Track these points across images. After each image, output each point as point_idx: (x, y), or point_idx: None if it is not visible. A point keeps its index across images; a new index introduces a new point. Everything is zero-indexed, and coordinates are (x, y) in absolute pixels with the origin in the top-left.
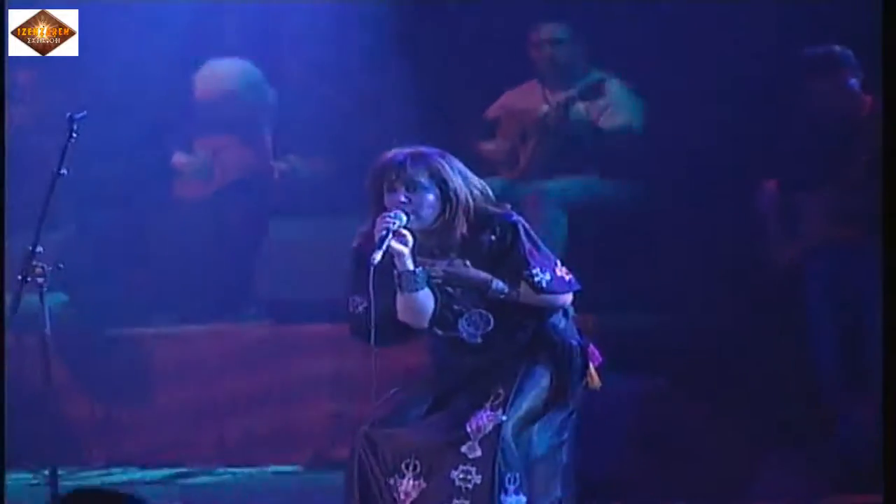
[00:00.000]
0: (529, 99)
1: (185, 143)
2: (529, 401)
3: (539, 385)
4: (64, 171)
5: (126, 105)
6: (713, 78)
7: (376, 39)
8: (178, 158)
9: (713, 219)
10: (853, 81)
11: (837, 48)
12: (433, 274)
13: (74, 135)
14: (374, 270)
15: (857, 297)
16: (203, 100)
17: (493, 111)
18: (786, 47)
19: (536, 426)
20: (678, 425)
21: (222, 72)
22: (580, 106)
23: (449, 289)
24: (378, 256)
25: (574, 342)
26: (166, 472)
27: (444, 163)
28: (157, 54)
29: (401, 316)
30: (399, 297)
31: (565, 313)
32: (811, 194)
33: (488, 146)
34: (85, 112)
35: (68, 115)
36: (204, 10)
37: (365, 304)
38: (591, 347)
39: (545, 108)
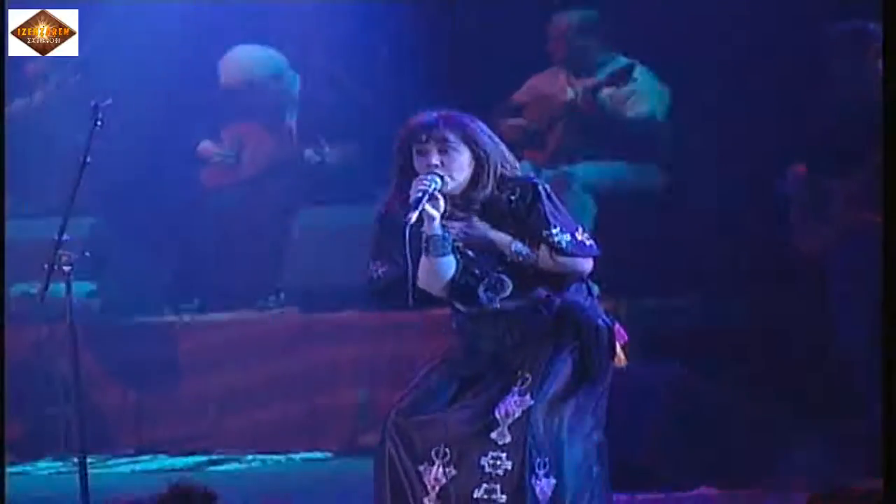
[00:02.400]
0: (554, 84)
1: (212, 130)
2: (557, 383)
3: (566, 367)
4: (89, 159)
5: (152, 93)
6: (738, 63)
7: (401, 25)
8: (205, 146)
9: (739, 204)
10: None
11: (870, 25)
12: (454, 236)
13: (100, 123)
14: (410, 232)
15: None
16: (229, 87)
17: (519, 95)
18: (812, 31)
19: (566, 408)
20: (706, 408)
21: (247, 59)
22: (606, 92)
23: (469, 251)
24: (414, 217)
25: (600, 322)
26: (195, 459)
27: (474, 125)
28: (182, 42)
29: (421, 279)
30: (423, 261)
31: (590, 292)
32: (837, 179)
33: (515, 129)
34: (110, 100)
35: (93, 103)
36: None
37: (385, 268)
38: (618, 326)
39: (571, 93)
